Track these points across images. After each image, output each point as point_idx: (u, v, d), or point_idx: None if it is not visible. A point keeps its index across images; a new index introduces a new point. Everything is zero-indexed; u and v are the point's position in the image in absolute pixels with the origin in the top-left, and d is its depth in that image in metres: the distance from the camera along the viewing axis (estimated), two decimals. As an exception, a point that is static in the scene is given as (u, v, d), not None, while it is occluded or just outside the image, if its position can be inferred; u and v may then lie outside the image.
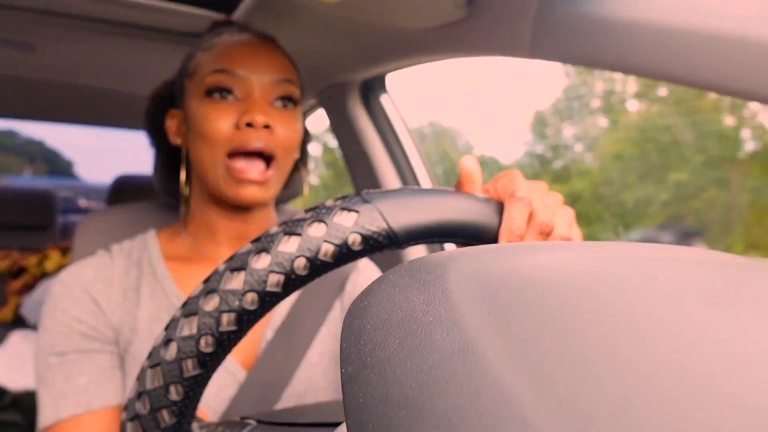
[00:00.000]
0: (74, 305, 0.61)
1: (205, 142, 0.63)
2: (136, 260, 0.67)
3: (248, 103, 0.63)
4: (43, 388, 0.59)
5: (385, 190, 0.34)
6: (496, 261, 0.19)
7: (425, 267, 0.20)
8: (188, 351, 0.30)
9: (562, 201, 0.42)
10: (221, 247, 0.69)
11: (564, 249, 0.21)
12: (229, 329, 0.30)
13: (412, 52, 0.90)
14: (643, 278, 0.17)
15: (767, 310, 0.15)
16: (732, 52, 0.42)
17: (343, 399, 0.17)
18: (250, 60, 0.64)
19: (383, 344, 0.17)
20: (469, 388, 0.14)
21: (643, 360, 0.13)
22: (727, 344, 0.14)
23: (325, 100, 1.25)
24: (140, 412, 0.31)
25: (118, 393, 0.60)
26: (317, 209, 0.32)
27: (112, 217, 0.84)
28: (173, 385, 0.30)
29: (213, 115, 0.62)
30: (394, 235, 0.32)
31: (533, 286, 0.17)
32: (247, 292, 0.30)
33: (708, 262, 0.20)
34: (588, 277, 0.17)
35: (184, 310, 0.31)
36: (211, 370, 0.31)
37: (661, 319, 0.15)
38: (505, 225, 0.36)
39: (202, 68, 0.65)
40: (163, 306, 0.64)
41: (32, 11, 0.99)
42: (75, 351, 0.59)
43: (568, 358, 0.14)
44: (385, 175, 1.22)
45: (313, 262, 0.30)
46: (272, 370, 0.64)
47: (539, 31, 0.61)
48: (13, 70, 1.38)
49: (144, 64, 1.29)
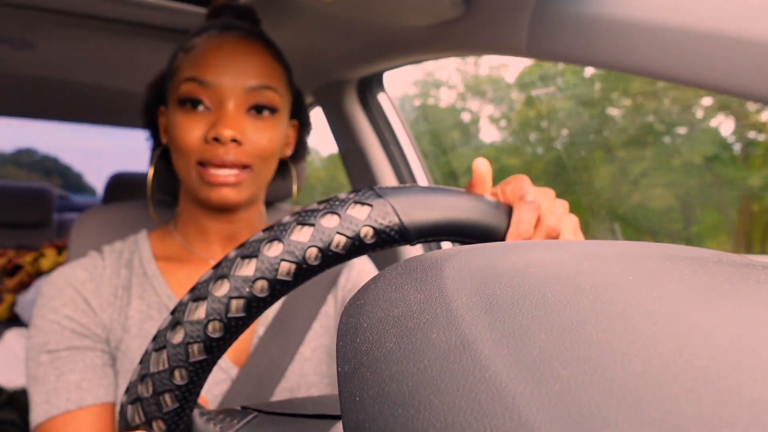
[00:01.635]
0: (65, 304, 0.61)
1: (177, 151, 0.63)
2: (127, 260, 0.67)
3: (219, 114, 0.61)
4: (34, 386, 0.59)
5: (398, 186, 0.34)
6: (491, 259, 0.19)
7: (421, 265, 0.20)
8: (195, 335, 0.30)
9: (568, 208, 0.42)
10: (212, 246, 0.69)
11: (559, 247, 0.21)
12: (237, 315, 0.30)
13: (409, 50, 0.90)
14: (637, 275, 0.17)
15: (761, 305, 0.15)
16: (729, 51, 0.42)
17: (340, 397, 0.17)
18: (225, 65, 0.62)
19: (379, 342, 0.17)
20: (465, 386, 0.14)
21: (638, 356, 0.13)
22: (722, 340, 0.14)
23: (322, 98, 1.24)
24: (142, 395, 0.31)
25: (109, 390, 0.60)
26: (330, 201, 0.32)
27: (108, 215, 0.84)
28: (178, 369, 0.30)
29: (183, 126, 0.62)
30: (406, 231, 0.32)
31: (529, 283, 0.17)
32: (257, 279, 0.30)
33: (702, 260, 0.20)
34: (583, 274, 0.18)
35: (193, 295, 0.31)
36: (217, 356, 0.31)
37: (656, 315, 0.15)
38: (514, 227, 0.37)
39: (179, 72, 0.64)
40: (154, 305, 0.64)
41: (31, 8, 0.98)
42: (66, 348, 0.59)
43: (563, 355, 0.14)
44: (382, 174, 1.21)
45: (324, 253, 0.31)
46: (264, 365, 0.64)
47: (536, 30, 0.61)
48: (12, 68, 1.37)
49: (143, 61, 1.28)
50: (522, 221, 0.37)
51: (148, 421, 0.31)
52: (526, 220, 0.37)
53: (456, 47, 0.79)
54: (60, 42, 1.17)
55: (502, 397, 0.13)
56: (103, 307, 0.63)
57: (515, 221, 0.37)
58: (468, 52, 0.79)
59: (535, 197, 0.38)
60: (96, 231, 0.82)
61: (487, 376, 0.14)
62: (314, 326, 0.69)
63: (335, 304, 0.72)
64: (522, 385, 0.13)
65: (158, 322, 0.64)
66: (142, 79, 0.84)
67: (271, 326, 0.66)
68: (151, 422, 0.31)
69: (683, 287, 0.17)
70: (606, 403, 0.12)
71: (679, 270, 0.18)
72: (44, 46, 1.19)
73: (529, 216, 0.37)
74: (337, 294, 0.73)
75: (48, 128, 4.08)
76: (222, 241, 0.69)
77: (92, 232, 0.82)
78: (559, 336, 0.14)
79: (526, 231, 0.37)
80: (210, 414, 0.36)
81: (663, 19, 0.47)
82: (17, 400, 1.46)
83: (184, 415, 0.32)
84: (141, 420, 0.31)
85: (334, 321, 0.72)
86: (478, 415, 0.13)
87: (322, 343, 0.69)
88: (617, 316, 0.15)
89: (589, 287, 0.17)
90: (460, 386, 0.14)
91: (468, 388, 0.14)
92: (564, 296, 0.16)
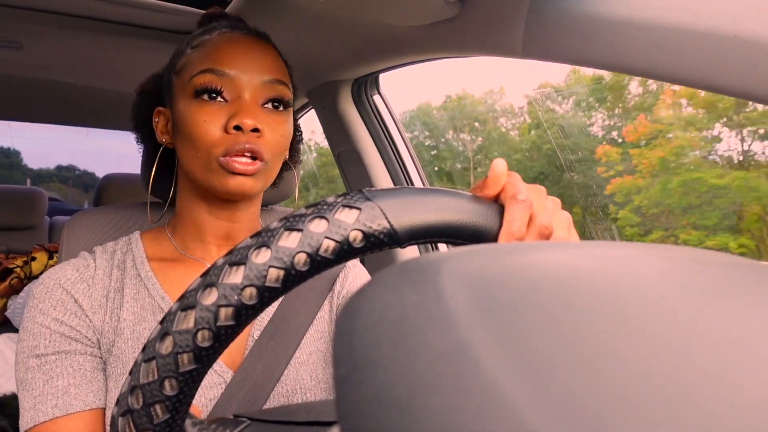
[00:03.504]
0: (55, 307, 0.60)
1: (194, 144, 0.62)
2: (120, 261, 0.67)
3: (237, 105, 0.62)
4: (23, 391, 0.58)
5: (387, 189, 0.34)
6: (489, 261, 0.19)
7: (418, 267, 0.19)
8: (185, 345, 0.29)
9: (560, 205, 0.42)
10: (208, 247, 0.69)
11: (557, 248, 0.20)
12: (226, 324, 0.30)
13: (403, 51, 0.90)
14: (636, 277, 0.17)
15: (761, 307, 0.15)
16: (727, 50, 0.42)
17: (336, 401, 0.17)
18: (241, 59, 0.63)
19: (375, 345, 0.17)
20: (463, 389, 0.14)
21: (638, 359, 0.13)
22: (722, 342, 0.14)
23: (316, 99, 1.24)
24: (132, 406, 0.31)
25: (98, 395, 0.59)
26: (318, 205, 0.32)
27: (100, 218, 0.83)
28: (168, 379, 0.30)
29: (201, 118, 0.61)
30: (395, 234, 0.32)
31: (526, 285, 0.17)
32: (246, 286, 0.29)
33: (702, 261, 0.20)
34: (581, 275, 0.17)
35: (182, 304, 0.30)
36: (207, 365, 0.31)
37: (655, 317, 0.15)
38: (506, 226, 0.37)
39: (191, 67, 0.64)
40: (147, 307, 0.64)
41: (20, 8, 0.98)
42: (55, 353, 0.59)
43: (562, 358, 0.14)
44: (377, 175, 1.21)
45: (313, 258, 0.30)
46: (260, 369, 0.63)
47: (531, 31, 0.61)
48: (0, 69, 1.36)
49: (135, 63, 1.28)
50: (514, 220, 0.37)
51: None
52: (519, 219, 0.37)
53: (451, 48, 0.79)
54: (50, 42, 1.16)
55: (499, 400, 0.13)
56: (94, 309, 0.62)
57: (507, 220, 0.37)
58: (463, 53, 0.79)
59: (527, 195, 0.38)
60: (87, 233, 0.81)
61: (485, 379, 0.14)
62: (310, 331, 0.69)
63: (331, 310, 0.72)
64: (520, 388, 0.13)
65: (151, 324, 0.63)
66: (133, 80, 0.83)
67: (267, 330, 0.66)
68: None
69: (684, 289, 0.17)
70: (605, 405, 0.12)
71: (680, 271, 0.18)
72: (33, 47, 1.19)
73: (521, 214, 0.37)
74: (332, 300, 0.73)
75: (82, 143, 4.13)
76: (218, 240, 0.69)
77: (83, 235, 0.81)
78: (558, 338, 0.14)
79: (518, 230, 0.36)
80: (202, 424, 0.36)
81: (660, 18, 0.47)
82: (7, 405, 1.44)
83: (175, 426, 0.32)
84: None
85: (329, 326, 0.72)
86: (475, 419, 0.13)
87: (317, 347, 0.69)
88: (616, 319, 0.15)
89: (588, 289, 0.16)
90: (457, 389, 0.14)
91: (465, 391, 0.14)
92: (562, 298, 0.16)
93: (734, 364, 0.13)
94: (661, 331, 0.14)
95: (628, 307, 0.15)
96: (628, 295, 0.16)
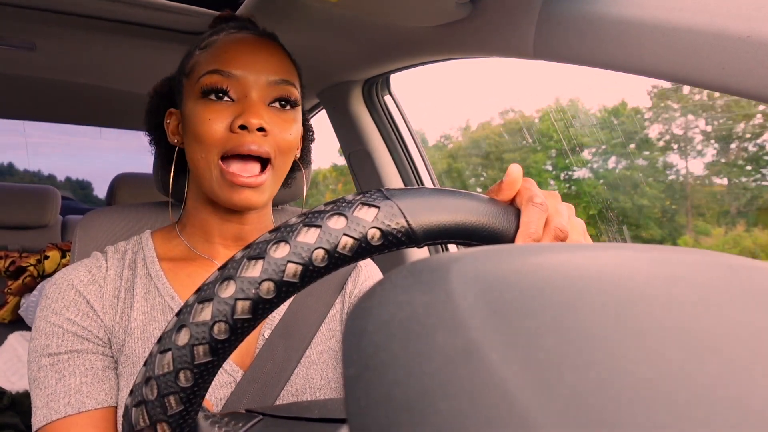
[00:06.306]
0: (67, 307, 0.61)
1: (200, 144, 0.63)
2: (131, 261, 0.67)
3: (244, 104, 0.62)
4: (35, 389, 0.58)
5: (406, 188, 0.34)
6: (499, 262, 0.19)
7: (428, 268, 0.19)
8: (201, 337, 0.30)
9: (574, 212, 0.42)
10: (216, 248, 0.69)
11: (567, 250, 0.20)
12: (243, 317, 0.30)
13: (414, 52, 0.90)
14: (646, 279, 0.17)
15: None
16: (739, 51, 0.42)
17: (345, 401, 0.17)
18: (247, 59, 0.63)
19: (385, 346, 0.17)
20: (472, 391, 0.14)
21: (647, 361, 0.13)
22: (732, 346, 0.13)
23: (327, 100, 1.25)
24: (147, 397, 0.31)
25: (110, 394, 0.60)
26: (337, 202, 0.32)
27: (112, 217, 0.84)
28: (183, 371, 0.30)
29: (207, 117, 0.62)
30: (413, 233, 0.32)
31: (536, 287, 0.17)
32: (264, 280, 0.30)
33: (712, 264, 0.19)
34: (591, 278, 0.17)
35: (199, 296, 0.30)
36: (223, 358, 0.31)
37: (665, 319, 0.15)
38: (523, 229, 0.37)
39: (199, 67, 0.65)
40: (157, 306, 0.64)
41: (33, 9, 0.99)
42: (67, 352, 0.59)
43: (571, 360, 0.14)
44: (388, 176, 1.21)
45: (331, 255, 0.30)
46: (270, 368, 0.63)
47: (543, 32, 0.61)
48: (14, 70, 1.38)
49: (147, 63, 1.29)
50: (531, 222, 0.37)
51: (153, 423, 0.31)
52: (535, 221, 0.37)
53: (462, 49, 0.79)
54: (63, 43, 1.17)
55: (508, 402, 0.13)
56: (105, 310, 0.63)
57: (524, 222, 0.37)
58: (474, 54, 0.79)
59: (543, 199, 0.38)
60: (100, 233, 0.82)
61: (494, 381, 0.14)
62: (321, 330, 0.69)
63: (342, 309, 0.72)
64: (529, 391, 0.13)
65: (162, 324, 0.63)
66: (145, 80, 0.84)
67: (277, 329, 0.66)
68: (156, 425, 0.31)
69: (694, 292, 0.16)
70: (615, 409, 0.12)
71: (690, 274, 0.18)
72: (46, 48, 1.20)
73: (538, 217, 0.37)
74: (344, 299, 0.73)
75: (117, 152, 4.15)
76: (226, 242, 0.69)
77: (96, 234, 0.82)
78: (567, 340, 0.14)
79: (535, 232, 0.37)
80: (215, 417, 0.36)
81: (672, 19, 0.47)
82: (20, 403, 1.46)
83: (189, 418, 0.32)
84: (145, 423, 0.31)
85: (340, 325, 0.72)
86: (484, 421, 0.13)
87: (328, 346, 0.69)
88: (625, 321, 0.15)
89: (598, 291, 0.16)
90: (466, 391, 0.14)
91: (474, 393, 0.14)
92: (572, 300, 0.16)
93: (745, 369, 0.13)
94: (671, 334, 0.14)
95: (638, 309, 0.15)
96: (638, 298, 0.16)
